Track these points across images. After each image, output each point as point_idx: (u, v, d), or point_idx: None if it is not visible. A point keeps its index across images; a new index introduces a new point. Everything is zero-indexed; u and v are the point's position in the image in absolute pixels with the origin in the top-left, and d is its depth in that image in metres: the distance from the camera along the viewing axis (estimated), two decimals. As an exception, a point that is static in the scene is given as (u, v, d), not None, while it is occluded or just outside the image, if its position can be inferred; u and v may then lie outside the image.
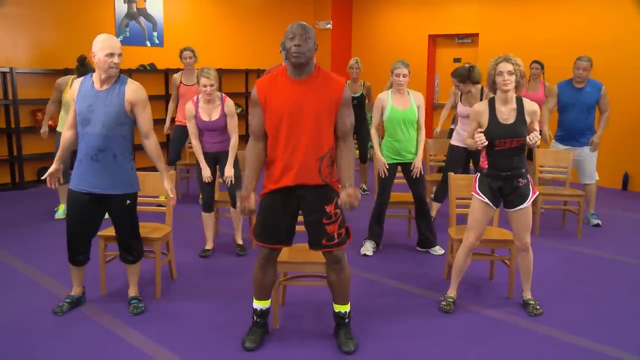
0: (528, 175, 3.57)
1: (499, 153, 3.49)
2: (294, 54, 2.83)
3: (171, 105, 6.42)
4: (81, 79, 3.40)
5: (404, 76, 4.56)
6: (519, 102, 3.52)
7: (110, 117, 3.28)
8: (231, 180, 4.56)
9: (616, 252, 4.89)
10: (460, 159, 5.40)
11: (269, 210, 3.04)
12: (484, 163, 3.59)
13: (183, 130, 6.24)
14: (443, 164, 5.75)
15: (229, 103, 4.58)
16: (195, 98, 4.58)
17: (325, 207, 3.00)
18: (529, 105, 3.52)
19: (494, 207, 3.58)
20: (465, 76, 5.21)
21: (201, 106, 4.54)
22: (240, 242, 4.79)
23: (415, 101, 4.63)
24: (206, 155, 4.61)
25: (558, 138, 5.78)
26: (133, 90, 3.35)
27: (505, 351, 3.19)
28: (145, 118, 3.43)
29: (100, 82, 3.31)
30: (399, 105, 4.61)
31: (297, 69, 2.90)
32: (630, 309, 3.76)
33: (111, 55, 3.22)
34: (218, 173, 4.71)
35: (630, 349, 3.19)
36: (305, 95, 2.89)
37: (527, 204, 3.53)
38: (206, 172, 4.56)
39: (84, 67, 5.34)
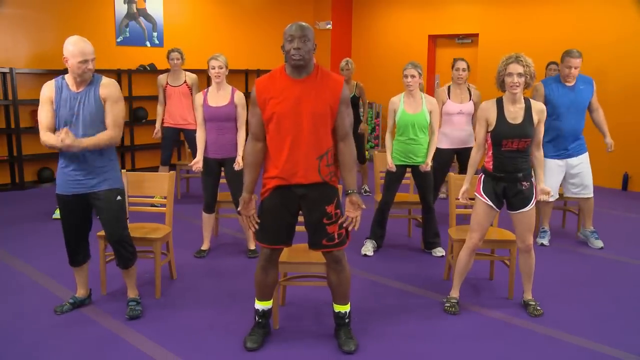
0: (532, 179, 3.57)
1: (505, 154, 3.49)
2: (294, 57, 2.84)
3: (159, 109, 6.28)
4: (52, 82, 3.35)
5: (412, 77, 4.54)
6: (527, 101, 3.52)
7: (92, 116, 3.28)
8: (236, 186, 4.54)
9: (616, 252, 4.88)
10: (448, 162, 5.40)
11: (269, 211, 3.05)
12: (488, 163, 3.59)
13: (172, 131, 6.25)
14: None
15: (239, 94, 4.55)
16: (205, 90, 4.58)
17: (326, 207, 3.00)
18: (537, 105, 3.53)
19: (497, 209, 3.59)
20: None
21: (210, 91, 4.53)
22: (252, 247, 4.75)
23: (427, 106, 4.62)
24: (211, 161, 4.54)
25: (551, 153, 4.87)
26: (105, 86, 3.34)
27: (506, 351, 3.18)
28: (112, 114, 3.34)
29: (77, 84, 3.29)
30: (410, 109, 4.60)
31: (296, 70, 2.91)
32: (630, 309, 3.76)
33: (85, 62, 3.20)
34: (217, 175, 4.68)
35: (630, 349, 3.19)
36: (304, 95, 2.89)
37: (530, 207, 3.53)
38: (198, 164, 4.51)
39: None
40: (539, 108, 3.51)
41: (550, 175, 4.90)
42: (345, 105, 2.97)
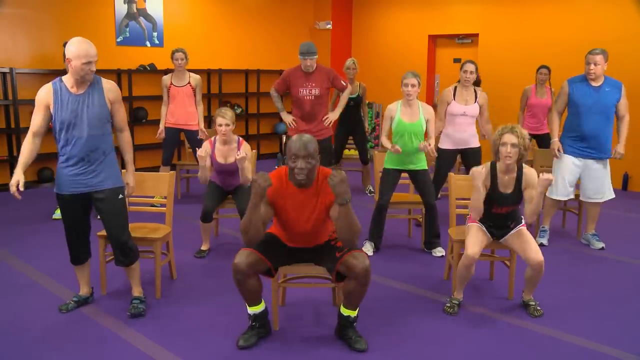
0: (522, 216, 3.69)
1: (494, 214, 3.65)
2: (298, 177, 2.97)
3: (163, 109, 6.26)
4: (49, 84, 3.33)
5: (412, 86, 4.53)
6: (520, 171, 3.59)
7: (96, 118, 3.30)
8: (242, 200, 4.55)
9: (616, 252, 4.88)
10: (451, 162, 5.41)
11: (272, 239, 3.23)
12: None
13: (174, 131, 6.25)
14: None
15: (246, 147, 4.54)
16: (213, 138, 4.60)
17: (328, 236, 3.24)
18: (529, 172, 3.59)
19: (490, 237, 3.72)
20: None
21: (217, 147, 4.56)
22: None
23: (424, 114, 4.62)
24: (219, 187, 4.66)
25: (570, 150, 4.87)
26: (111, 89, 3.39)
27: (506, 351, 3.18)
28: (122, 114, 3.51)
29: (77, 85, 3.29)
30: (407, 118, 4.60)
31: (300, 185, 3.05)
32: (630, 309, 3.76)
33: (88, 63, 3.21)
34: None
35: (630, 349, 3.19)
36: (306, 204, 3.09)
37: (517, 229, 3.66)
38: (203, 178, 4.55)
39: None
40: (530, 177, 3.57)
41: (563, 172, 4.89)
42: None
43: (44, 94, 3.30)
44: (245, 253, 3.03)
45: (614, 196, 4.97)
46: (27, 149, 3.34)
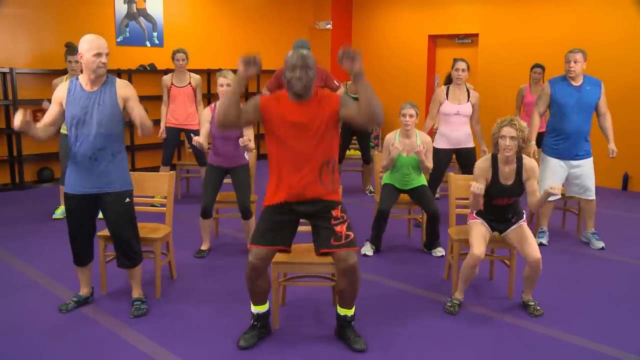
0: (523, 211, 3.71)
1: (495, 206, 3.65)
2: (295, 86, 2.95)
3: (163, 109, 6.27)
4: (67, 82, 3.38)
5: (410, 116, 4.58)
6: (519, 161, 3.61)
7: (106, 117, 3.31)
8: (244, 193, 4.54)
9: (616, 252, 4.88)
10: (446, 162, 5.42)
11: (270, 219, 3.12)
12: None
13: (175, 131, 6.26)
14: None
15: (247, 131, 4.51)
16: (213, 105, 4.57)
17: (332, 211, 3.09)
18: (529, 163, 3.61)
19: (491, 231, 3.72)
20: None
21: (218, 111, 4.51)
22: None
23: (422, 144, 4.63)
24: (216, 169, 4.59)
25: (554, 151, 4.91)
26: (123, 87, 3.40)
27: (505, 351, 3.18)
28: (139, 110, 3.45)
29: (91, 83, 3.31)
30: (404, 151, 4.64)
31: (297, 97, 3.01)
32: (630, 309, 3.76)
33: (99, 55, 3.25)
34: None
35: (630, 349, 3.19)
36: (306, 116, 3.01)
37: (521, 222, 3.66)
38: (203, 145, 4.44)
39: (70, 49, 5.44)
40: (529, 167, 3.60)
41: (552, 174, 4.90)
42: (344, 102, 3.05)
43: (60, 91, 3.36)
44: (255, 251, 3.04)
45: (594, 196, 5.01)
46: (40, 124, 3.32)
